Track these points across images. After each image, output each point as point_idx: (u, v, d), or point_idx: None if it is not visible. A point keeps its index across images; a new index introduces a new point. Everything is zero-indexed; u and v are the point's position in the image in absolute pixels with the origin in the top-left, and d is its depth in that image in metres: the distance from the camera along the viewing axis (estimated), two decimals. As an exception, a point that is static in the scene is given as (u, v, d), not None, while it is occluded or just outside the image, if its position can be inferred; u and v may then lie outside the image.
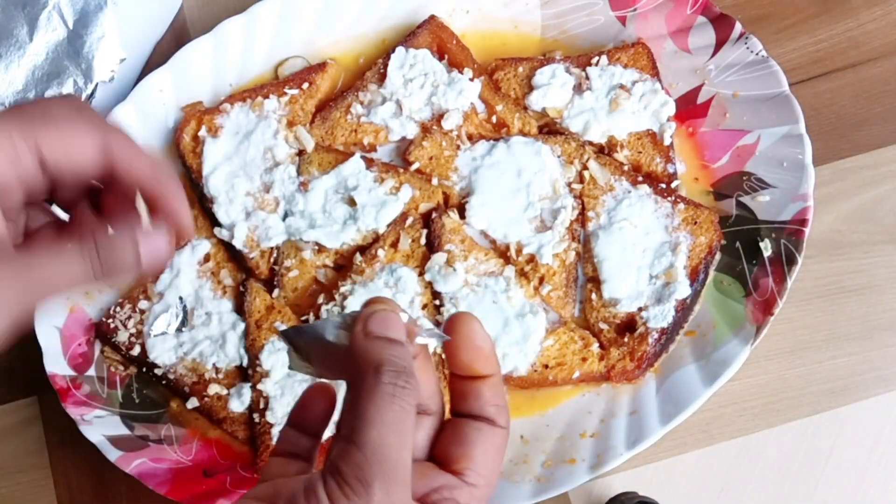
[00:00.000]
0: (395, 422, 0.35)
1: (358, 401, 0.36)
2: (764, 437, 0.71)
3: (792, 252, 0.68)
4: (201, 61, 0.76)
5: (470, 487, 0.39)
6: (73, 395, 0.69)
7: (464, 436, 0.40)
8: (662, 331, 0.69)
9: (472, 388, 0.41)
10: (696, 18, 0.75)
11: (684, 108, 0.76)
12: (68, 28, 0.75)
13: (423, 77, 0.76)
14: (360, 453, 0.34)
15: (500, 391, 0.41)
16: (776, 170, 0.71)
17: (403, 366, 0.37)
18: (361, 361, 0.37)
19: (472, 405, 0.41)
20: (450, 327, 0.40)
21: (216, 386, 0.70)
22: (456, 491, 0.39)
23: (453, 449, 0.40)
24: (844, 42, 0.80)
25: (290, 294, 0.73)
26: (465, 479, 0.39)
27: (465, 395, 0.41)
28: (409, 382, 0.36)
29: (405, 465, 0.35)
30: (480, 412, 0.40)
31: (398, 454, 0.35)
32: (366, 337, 0.38)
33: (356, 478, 0.34)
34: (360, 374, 0.37)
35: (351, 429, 0.35)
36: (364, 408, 0.35)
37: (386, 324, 0.38)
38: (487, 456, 0.40)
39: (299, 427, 0.43)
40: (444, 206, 0.74)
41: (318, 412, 0.43)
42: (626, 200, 0.72)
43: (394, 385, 0.36)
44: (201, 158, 0.75)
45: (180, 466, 0.68)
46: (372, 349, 0.37)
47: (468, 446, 0.40)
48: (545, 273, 0.71)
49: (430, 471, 0.39)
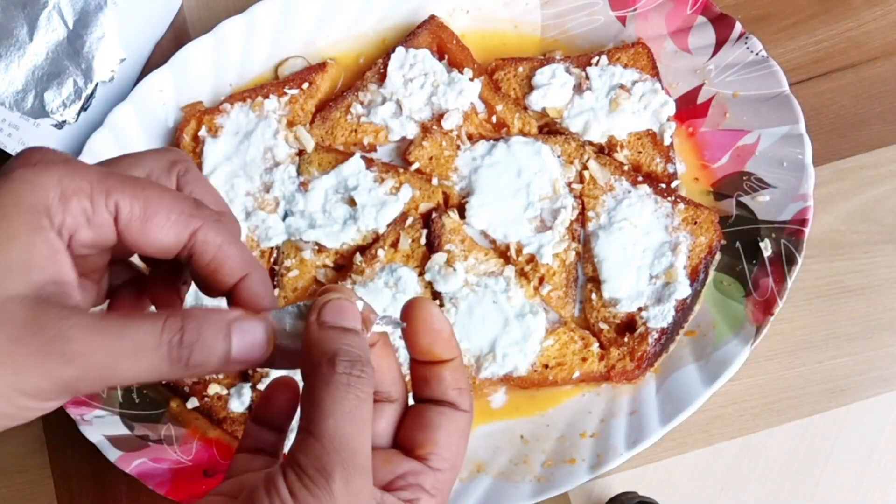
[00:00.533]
0: (352, 410, 0.35)
1: (314, 391, 0.36)
2: (764, 437, 0.71)
3: (792, 252, 0.68)
4: (201, 61, 0.76)
5: (434, 472, 0.39)
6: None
7: (427, 420, 0.40)
8: (662, 331, 0.69)
9: (433, 373, 0.40)
10: (696, 18, 0.75)
11: (684, 108, 0.76)
12: (68, 28, 0.75)
13: (423, 77, 0.76)
14: (319, 444, 0.34)
15: (461, 374, 0.41)
16: (776, 170, 0.71)
17: (358, 355, 0.37)
18: (316, 352, 0.37)
19: (433, 390, 0.40)
20: (407, 313, 0.40)
21: (216, 386, 0.70)
22: (421, 476, 0.39)
23: (417, 434, 0.40)
24: (844, 42, 0.80)
25: (290, 294, 0.73)
26: (430, 463, 0.39)
27: (426, 379, 0.41)
28: (364, 371, 0.36)
29: (364, 454, 0.35)
30: (443, 396, 0.40)
31: (356, 443, 0.35)
32: (320, 327, 0.37)
33: (315, 468, 0.34)
34: (315, 365, 0.36)
35: (308, 420, 0.35)
36: (320, 398, 0.35)
37: (340, 313, 0.38)
38: (451, 440, 0.40)
39: (263, 422, 0.43)
40: (444, 206, 0.74)
41: (280, 406, 0.43)
42: (626, 200, 0.72)
43: (349, 375, 0.36)
44: (201, 158, 0.75)
45: (180, 466, 0.68)
46: (326, 339, 0.37)
47: (431, 431, 0.39)
48: (545, 273, 0.71)
49: (395, 457, 0.39)
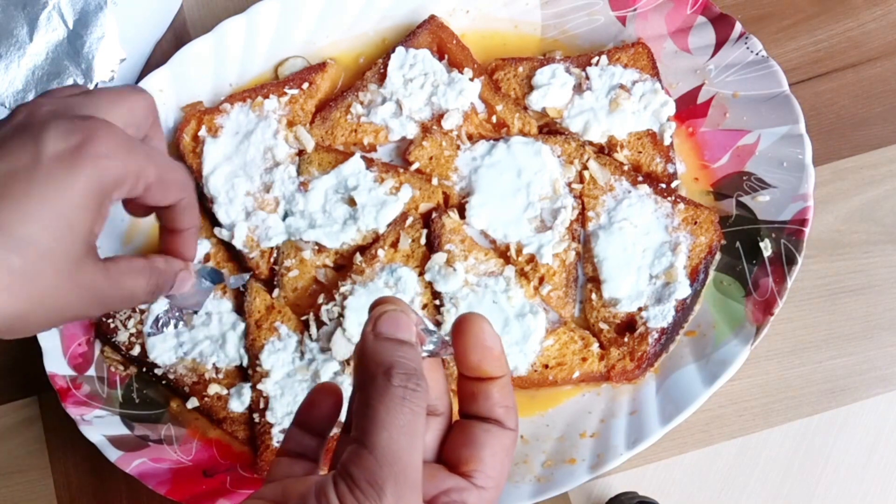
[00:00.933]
0: (406, 425, 0.35)
1: (368, 403, 0.36)
2: (764, 437, 0.71)
3: (792, 252, 0.68)
4: (201, 61, 0.76)
5: (479, 490, 0.39)
6: (73, 395, 0.69)
7: (473, 437, 0.40)
8: (662, 331, 0.69)
9: (480, 390, 0.40)
10: (696, 18, 0.75)
11: (684, 108, 0.76)
12: (68, 28, 0.75)
13: (423, 77, 0.76)
14: (372, 457, 0.34)
15: (508, 392, 0.41)
16: (776, 170, 0.71)
17: (414, 368, 0.36)
18: (371, 363, 0.37)
19: (480, 406, 0.40)
20: (458, 328, 0.40)
21: (216, 386, 0.70)
22: (465, 493, 0.38)
23: (462, 451, 0.40)
24: (844, 42, 0.80)
25: (290, 294, 0.73)
26: (474, 481, 0.39)
27: (473, 396, 0.40)
28: (419, 385, 0.36)
29: (416, 469, 0.35)
30: (489, 414, 0.40)
31: (409, 457, 0.35)
32: (376, 338, 0.37)
33: (367, 481, 0.34)
34: (371, 376, 0.36)
35: (362, 432, 0.35)
36: (375, 410, 0.35)
37: (396, 325, 0.38)
38: (496, 458, 0.39)
39: (305, 426, 0.43)
40: (444, 206, 0.74)
41: (324, 412, 0.43)
42: (626, 200, 0.72)
43: (404, 388, 0.36)
44: (201, 158, 0.75)
45: (180, 466, 0.68)
46: (382, 350, 0.37)
47: (477, 448, 0.39)
48: (545, 273, 0.71)
49: (439, 472, 0.39)
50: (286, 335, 0.70)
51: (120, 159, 0.46)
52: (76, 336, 0.72)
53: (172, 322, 0.71)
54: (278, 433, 0.68)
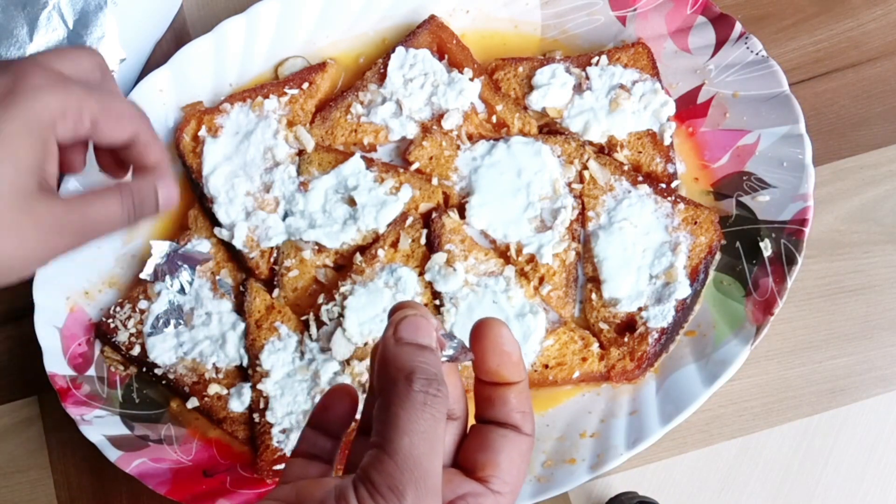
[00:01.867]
0: (427, 430, 0.35)
1: (389, 408, 0.35)
2: (764, 437, 0.71)
3: (792, 252, 0.68)
4: (201, 61, 0.76)
5: (495, 495, 0.39)
6: (73, 395, 0.69)
7: (489, 442, 0.40)
8: (662, 331, 0.69)
9: (498, 395, 0.40)
10: (696, 18, 0.75)
11: (684, 107, 0.76)
12: (68, 28, 0.75)
13: (423, 77, 0.76)
14: (392, 462, 0.34)
15: (525, 398, 0.40)
16: (776, 170, 0.71)
17: (434, 373, 0.36)
18: (392, 368, 0.36)
19: (497, 411, 0.40)
20: (476, 333, 0.40)
21: (216, 386, 0.70)
22: (481, 498, 0.38)
23: (479, 456, 0.39)
24: (844, 42, 0.80)
25: (290, 294, 0.73)
26: (491, 486, 0.39)
27: (490, 401, 0.40)
28: (440, 390, 0.36)
29: (436, 474, 0.35)
30: (506, 419, 0.40)
31: (430, 463, 0.35)
32: (396, 343, 0.37)
33: (388, 486, 0.34)
34: (392, 381, 0.36)
35: (382, 437, 0.35)
36: (396, 415, 0.35)
37: (417, 329, 0.38)
38: (513, 463, 0.39)
39: (320, 428, 0.43)
40: (444, 206, 0.74)
41: (339, 413, 0.43)
42: (626, 200, 0.72)
43: (425, 393, 0.35)
44: (201, 158, 0.75)
45: (180, 466, 0.68)
46: (403, 355, 0.37)
47: (494, 453, 0.39)
48: (545, 273, 0.71)
49: (456, 477, 0.39)
50: (286, 335, 0.70)
51: (55, 92, 0.47)
52: (76, 336, 0.72)
53: (172, 322, 0.71)
54: (278, 433, 0.68)
